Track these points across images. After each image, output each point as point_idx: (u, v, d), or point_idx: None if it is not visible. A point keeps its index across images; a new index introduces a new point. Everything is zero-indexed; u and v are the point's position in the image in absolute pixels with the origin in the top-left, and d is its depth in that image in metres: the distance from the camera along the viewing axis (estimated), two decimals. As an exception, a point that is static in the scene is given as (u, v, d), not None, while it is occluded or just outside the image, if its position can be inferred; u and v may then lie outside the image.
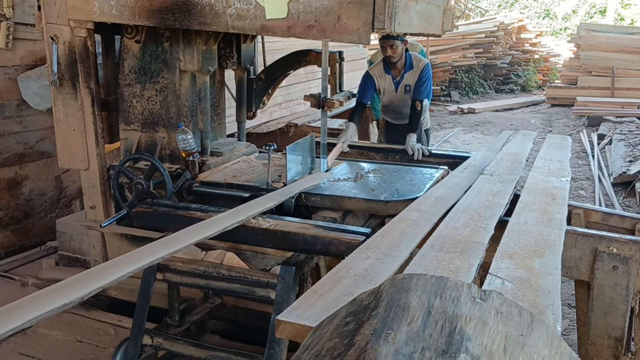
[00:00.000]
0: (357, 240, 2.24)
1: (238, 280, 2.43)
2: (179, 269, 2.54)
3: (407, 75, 4.28)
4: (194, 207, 2.70)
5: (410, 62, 4.26)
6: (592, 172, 6.97)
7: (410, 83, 4.29)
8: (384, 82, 4.36)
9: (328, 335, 0.99)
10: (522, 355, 0.90)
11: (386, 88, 4.38)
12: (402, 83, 4.32)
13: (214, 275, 2.48)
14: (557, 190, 2.56)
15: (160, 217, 2.70)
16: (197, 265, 2.52)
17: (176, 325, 2.80)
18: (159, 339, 2.58)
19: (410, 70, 4.27)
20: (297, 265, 2.37)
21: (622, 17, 20.71)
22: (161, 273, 2.57)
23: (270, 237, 2.42)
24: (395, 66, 4.24)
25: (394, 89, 4.36)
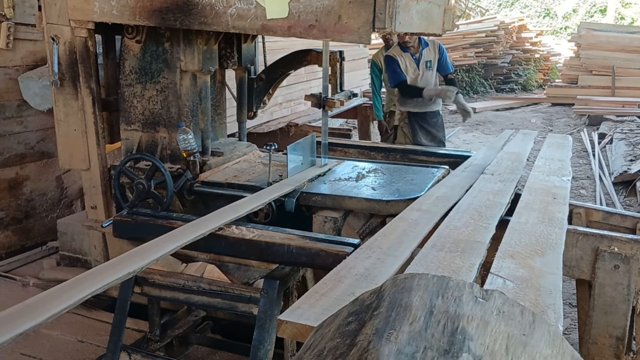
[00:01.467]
0: (345, 252, 2.14)
1: (219, 295, 2.34)
2: (158, 282, 2.45)
3: (425, 51, 4.52)
4: (174, 217, 2.62)
5: (423, 40, 4.51)
6: (593, 171, 6.97)
7: (431, 59, 4.52)
8: (405, 61, 4.52)
9: (330, 335, 0.99)
10: (524, 354, 0.90)
11: (408, 67, 4.52)
12: (422, 59, 4.53)
13: (194, 289, 2.38)
14: (558, 190, 2.56)
15: (139, 226, 2.58)
16: (176, 279, 2.43)
17: (157, 340, 2.68)
18: (137, 356, 2.47)
19: (427, 47, 4.52)
20: (281, 278, 2.27)
21: (622, 16, 20.70)
22: (139, 287, 2.47)
23: (254, 249, 2.32)
24: (412, 45, 4.48)
25: (416, 67, 4.54)
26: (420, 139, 4.59)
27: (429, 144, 4.57)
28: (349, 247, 2.21)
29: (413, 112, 4.65)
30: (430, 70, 4.55)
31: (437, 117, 4.71)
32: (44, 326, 3.17)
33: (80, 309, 3.34)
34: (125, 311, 2.48)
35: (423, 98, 4.50)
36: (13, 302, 3.45)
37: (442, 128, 4.77)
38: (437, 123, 4.70)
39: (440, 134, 4.73)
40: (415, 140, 4.60)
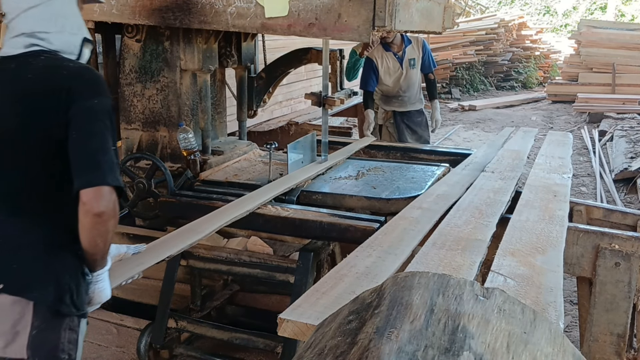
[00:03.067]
0: (372, 227, 2.31)
1: (259, 266, 2.58)
2: (203, 256, 2.67)
3: (409, 49, 4.43)
4: (215, 197, 2.78)
5: (406, 38, 4.43)
6: (594, 169, 6.97)
7: (414, 57, 4.44)
8: (386, 62, 4.43)
9: (331, 334, 0.99)
10: (525, 352, 0.90)
11: (390, 67, 4.45)
12: (406, 58, 4.43)
13: (235, 262, 2.62)
14: (559, 187, 2.56)
15: (183, 206, 2.77)
16: (219, 252, 2.66)
17: (198, 310, 2.90)
18: (183, 322, 2.70)
19: (410, 45, 4.44)
20: (314, 251, 2.48)
21: (622, 13, 20.67)
22: (185, 259, 2.69)
23: (289, 225, 2.50)
24: (394, 43, 4.40)
25: (398, 66, 4.44)
26: (406, 138, 4.55)
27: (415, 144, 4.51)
28: (375, 223, 2.36)
29: (399, 112, 4.59)
30: (414, 68, 4.49)
31: (421, 117, 4.64)
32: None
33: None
34: (172, 281, 2.71)
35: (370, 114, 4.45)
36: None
37: (426, 127, 4.68)
38: (421, 122, 4.64)
39: (426, 134, 4.67)
40: (401, 139, 4.55)
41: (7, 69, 1.64)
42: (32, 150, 1.59)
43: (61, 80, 1.60)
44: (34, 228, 1.59)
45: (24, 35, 1.64)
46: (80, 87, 1.60)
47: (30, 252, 1.56)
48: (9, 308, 1.52)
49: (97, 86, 1.66)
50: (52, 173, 1.59)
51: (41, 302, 1.53)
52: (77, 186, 1.52)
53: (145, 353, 2.75)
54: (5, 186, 1.61)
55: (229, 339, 2.68)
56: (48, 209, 1.61)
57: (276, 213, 2.56)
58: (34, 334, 1.53)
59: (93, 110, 1.59)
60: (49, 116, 1.58)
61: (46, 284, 1.54)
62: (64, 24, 1.67)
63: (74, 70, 1.64)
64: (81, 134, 1.56)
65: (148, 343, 2.75)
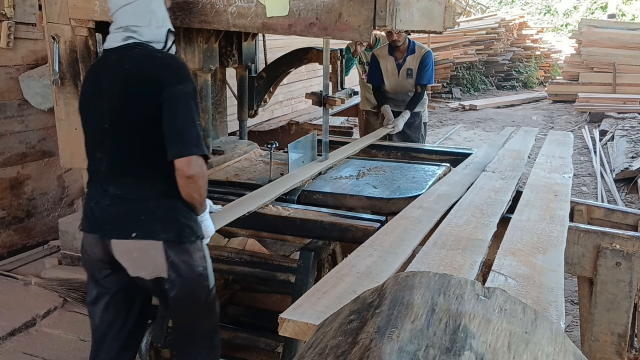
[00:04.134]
0: (373, 227, 2.31)
1: (260, 265, 2.58)
2: None
3: (409, 58, 4.55)
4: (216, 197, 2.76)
5: (412, 47, 4.56)
6: (594, 169, 6.96)
7: (412, 67, 4.55)
8: (387, 64, 4.60)
9: (332, 333, 0.99)
10: (527, 352, 0.90)
11: (389, 70, 4.61)
12: (404, 66, 4.57)
13: (237, 261, 2.63)
14: (560, 187, 2.56)
15: None
16: (220, 251, 2.66)
17: None
18: None
19: (412, 55, 4.55)
20: (315, 251, 2.48)
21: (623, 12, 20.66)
22: None
23: (290, 225, 2.51)
24: (399, 49, 4.53)
25: (396, 72, 4.59)
26: (393, 138, 4.55)
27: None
28: (376, 223, 2.37)
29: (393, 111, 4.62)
30: (410, 78, 4.57)
31: (414, 118, 4.66)
32: (46, 325, 3.19)
33: (82, 308, 3.35)
34: None
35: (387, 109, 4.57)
36: (15, 302, 3.48)
37: (418, 130, 4.73)
38: (413, 124, 4.67)
39: (414, 135, 4.70)
40: (390, 139, 4.54)
41: (110, 60, 2.05)
42: (140, 126, 1.98)
43: (152, 70, 1.99)
44: (152, 186, 2.00)
45: (122, 28, 2.03)
46: (168, 75, 1.97)
47: (152, 204, 1.99)
48: (145, 249, 1.97)
49: (181, 73, 2.02)
50: (156, 143, 1.95)
51: (167, 240, 1.97)
52: (170, 157, 1.93)
53: (147, 352, 2.75)
54: (125, 154, 2.01)
55: (230, 338, 2.69)
56: (158, 171, 2.00)
57: (277, 213, 2.56)
58: (170, 261, 1.98)
59: (179, 94, 1.96)
60: (145, 99, 1.96)
61: (167, 226, 1.98)
62: (151, 19, 2.05)
63: (162, 61, 2.03)
64: (171, 115, 1.94)
65: (149, 342, 2.75)
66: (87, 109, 2.12)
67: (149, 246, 1.97)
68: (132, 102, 1.98)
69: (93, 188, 2.07)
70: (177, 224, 2.00)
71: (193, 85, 2.04)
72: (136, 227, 1.96)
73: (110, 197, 2.00)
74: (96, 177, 2.06)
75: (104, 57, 2.12)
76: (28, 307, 3.28)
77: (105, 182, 2.01)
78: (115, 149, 2.01)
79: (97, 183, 2.05)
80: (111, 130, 2.01)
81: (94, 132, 2.08)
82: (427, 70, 4.54)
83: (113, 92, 2.00)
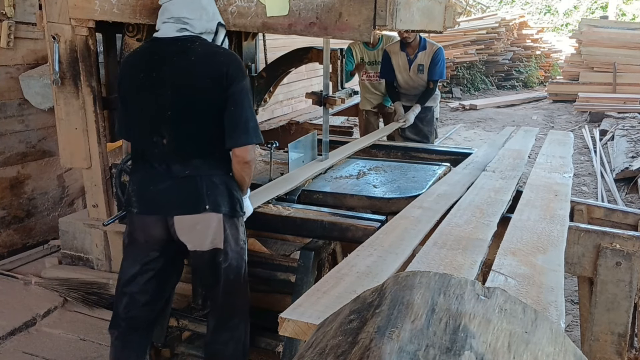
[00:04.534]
0: (373, 227, 2.32)
1: (260, 265, 2.57)
2: None
3: (421, 54, 4.71)
4: None
5: (424, 44, 4.72)
6: (595, 168, 6.96)
7: (424, 63, 4.71)
8: (398, 60, 4.76)
9: (332, 333, 0.99)
10: (527, 352, 0.90)
11: (401, 65, 4.77)
12: (416, 62, 4.73)
13: None
14: (560, 187, 2.56)
15: None
16: None
17: (199, 308, 2.91)
18: (185, 321, 2.73)
19: (424, 51, 4.71)
20: (315, 250, 2.49)
21: (623, 12, 20.65)
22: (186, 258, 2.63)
23: (290, 224, 2.52)
24: (410, 45, 4.70)
25: (407, 67, 4.76)
26: (405, 131, 4.74)
27: (414, 137, 4.78)
28: (376, 223, 2.38)
29: (405, 105, 4.81)
30: (421, 73, 4.74)
31: (426, 113, 4.84)
32: (46, 325, 3.19)
33: (82, 307, 3.35)
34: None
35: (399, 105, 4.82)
36: (15, 301, 3.48)
37: (429, 124, 4.90)
38: (425, 118, 4.84)
39: (426, 129, 4.88)
40: (402, 132, 4.76)
41: (171, 50, 2.19)
42: (206, 114, 2.18)
43: (221, 66, 2.17)
44: (216, 165, 2.22)
45: (173, 19, 2.19)
46: (234, 71, 2.17)
47: (217, 181, 2.20)
48: (211, 220, 2.18)
49: (243, 70, 2.25)
50: (217, 129, 2.18)
51: (227, 214, 2.20)
52: (233, 144, 2.18)
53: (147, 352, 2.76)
54: (191, 138, 2.19)
55: (230, 338, 2.69)
56: (218, 152, 2.21)
57: (277, 212, 2.56)
58: (226, 233, 2.21)
59: (244, 89, 2.19)
60: (214, 92, 2.16)
61: (228, 201, 2.20)
62: (201, 13, 2.22)
63: (228, 57, 2.22)
64: (237, 107, 2.17)
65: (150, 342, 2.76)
66: (142, 95, 2.23)
67: (213, 218, 2.18)
68: (201, 94, 2.17)
69: (144, 170, 2.25)
70: (233, 199, 2.23)
71: (249, 79, 2.30)
72: (205, 201, 2.16)
73: (173, 176, 2.18)
74: (152, 159, 2.22)
75: (159, 45, 2.22)
76: (28, 307, 3.27)
77: (167, 163, 2.19)
78: (181, 133, 2.19)
79: (152, 164, 2.22)
80: (176, 116, 2.18)
81: (152, 118, 2.22)
82: (438, 66, 4.69)
83: (180, 82, 2.17)
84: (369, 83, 5.21)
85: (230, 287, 2.30)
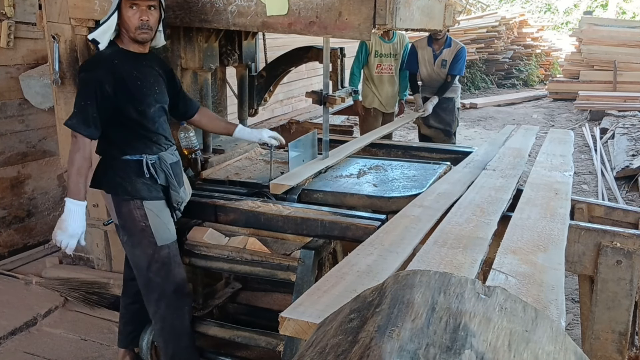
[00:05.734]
0: (374, 226, 2.32)
1: (260, 264, 2.57)
2: (204, 254, 2.70)
3: (446, 51, 5.19)
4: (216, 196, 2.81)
5: (449, 42, 5.22)
6: (595, 167, 6.96)
7: (447, 59, 5.19)
8: (425, 54, 5.25)
9: (332, 332, 0.99)
10: (527, 351, 0.90)
11: (426, 59, 5.26)
12: (440, 57, 5.21)
13: (237, 260, 2.62)
14: (560, 185, 2.56)
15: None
16: (221, 250, 2.65)
17: (200, 308, 2.93)
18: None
19: (449, 48, 5.20)
20: (316, 249, 2.49)
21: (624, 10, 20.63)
22: (187, 257, 2.70)
23: (290, 223, 2.52)
24: (438, 41, 5.18)
25: (432, 61, 5.24)
26: (430, 120, 5.26)
27: (437, 126, 5.31)
28: (376, 222, 2.38)
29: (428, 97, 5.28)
30: (444, 68, 5.20)
31: (448, 103, 5.30)
32: (47, 324, 3.19)
33: (83, 307, 3.35)
34: None
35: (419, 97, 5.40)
36: (16, 301, 3.48)
37: (451, 113, 5.34)
38: (447, 107, 5.30)
39: (449, 118, 5.33)
40: (426, 121, 5.28)
41: None
42: None
43: None
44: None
45: None
46: None
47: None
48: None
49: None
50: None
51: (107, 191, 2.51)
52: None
53: (148, 351, 2.76)
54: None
55: (231, 337, 2.70)
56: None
57: (277, 211, 2.56)
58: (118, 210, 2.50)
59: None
60: None
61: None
62: None
63: None
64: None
65: (150, 341, 2.76)
66: None
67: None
68: None
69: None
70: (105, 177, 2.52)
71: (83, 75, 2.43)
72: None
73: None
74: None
75: None
76: (29, 307, 3.28)
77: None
78: None
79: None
80: None
81: None
82: (459, 63, 5.18)
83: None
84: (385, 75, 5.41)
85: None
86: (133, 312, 2.76)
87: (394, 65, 5.41)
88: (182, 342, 2.56)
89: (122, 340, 2.81)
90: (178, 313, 2.53)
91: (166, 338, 2.55)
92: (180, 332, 2.55)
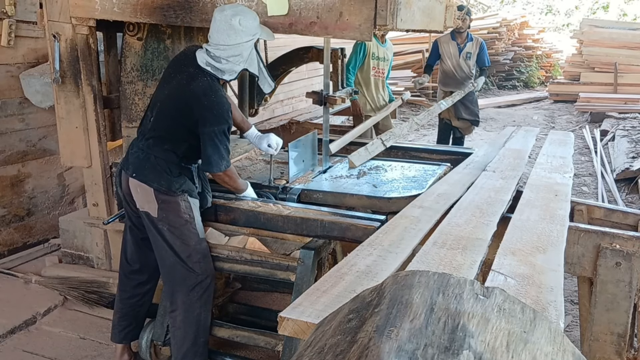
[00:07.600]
0: (373, 227, 2.32)
1: (260, 264, 2.57)
2: None
3: (469, 44, 5.94)
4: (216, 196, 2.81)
5: (470, 37, 5.96)
6: (595, 168, 6.96)
7: (471, 52, 5.92)
8: (449, 48, 5.94)
9: (331, 332, 0.99)
10: (525, 352, 0.90)
11: (451, 53, 5.94)
12: (465, 50, 5.93)
13: (237, 259, 2.62)
14: (560, 187, 2.56)
15: None
16: (220, 250, 2.65)
17: None
18: None
19: (471, 42, 5.93)
20: (315, 249, 2.49)
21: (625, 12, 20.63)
22: None
23: (290, 223, 2.53)
24: (461, 35, 5.89)
25: (457, 54, 5.92)
26: (461, 112, 5.89)
27: (468, 117, 5.95)
28: (376, 222, 2.38)
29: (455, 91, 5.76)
30: (469, 60, 5.92)
31: (472, 96, 5.96)
32: (46, 323, 3.19)
33: (82, 306, 3.35)
34: None
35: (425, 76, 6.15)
36: (15, 300, 3.48)
37: (476, 105, 6.08)
38: (472, 100, 6.00)
39: (476, 109, 6.05)
40: (458, 113, 5.91)
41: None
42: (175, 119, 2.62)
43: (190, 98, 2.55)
44: (169, 152, 2.58)
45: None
46: (201, 111, 2.53)
47: (156, 161, 2.55)
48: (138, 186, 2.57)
49: (216, 115, 2.56)
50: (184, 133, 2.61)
51: (156, 188, 2.53)
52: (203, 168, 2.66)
53: (147, 350, 2.77)
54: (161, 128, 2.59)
55: (230, 336, 2.70)
56: (179, 148, 2.60)
57: (277, 211, 2.56)
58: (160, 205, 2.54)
59: (211, 133, 2.56)
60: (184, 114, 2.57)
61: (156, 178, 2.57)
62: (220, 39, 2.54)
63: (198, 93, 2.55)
64: (203, 143, 2.58)
65: (150, 340, 2.77)
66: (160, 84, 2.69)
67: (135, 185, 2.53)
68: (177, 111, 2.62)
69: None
70: (163, 178, 2.52)
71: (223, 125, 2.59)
72: (137, 171, 2.54)
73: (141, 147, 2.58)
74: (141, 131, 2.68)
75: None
76: (28, 305, 3.28)
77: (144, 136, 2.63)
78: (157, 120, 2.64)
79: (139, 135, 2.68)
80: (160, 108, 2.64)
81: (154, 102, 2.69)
82: (485, 54, 5.99)
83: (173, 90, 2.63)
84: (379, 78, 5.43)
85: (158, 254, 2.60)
86: (130, 307, 2.78)
87: (385, 70, 5.42)
88: (201, 335, 2.59)
89: (116, 334, 2.83)
90: (207, 306, 2.60)
91: (186, 330, 2.57)
92: (202, 324, 2.59)
